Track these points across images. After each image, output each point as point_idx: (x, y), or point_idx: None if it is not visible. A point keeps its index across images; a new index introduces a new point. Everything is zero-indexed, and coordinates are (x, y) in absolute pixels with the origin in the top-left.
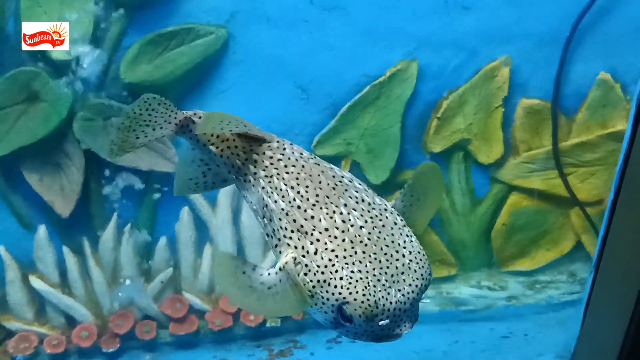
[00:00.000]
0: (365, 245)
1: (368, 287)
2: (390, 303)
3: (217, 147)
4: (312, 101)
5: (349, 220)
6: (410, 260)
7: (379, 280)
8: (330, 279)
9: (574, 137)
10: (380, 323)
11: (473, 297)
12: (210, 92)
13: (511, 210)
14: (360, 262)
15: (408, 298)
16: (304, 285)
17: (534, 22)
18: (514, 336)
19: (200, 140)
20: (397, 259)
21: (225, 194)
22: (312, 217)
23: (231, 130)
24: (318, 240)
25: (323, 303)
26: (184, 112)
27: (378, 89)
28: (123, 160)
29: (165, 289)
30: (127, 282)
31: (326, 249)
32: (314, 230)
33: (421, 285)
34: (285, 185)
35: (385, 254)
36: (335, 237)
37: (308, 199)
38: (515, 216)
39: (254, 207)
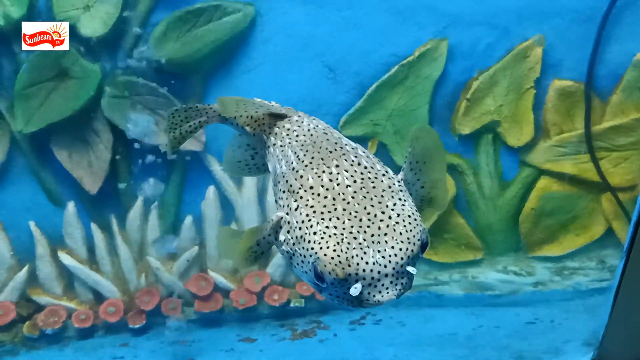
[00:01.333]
0: (348, 203)
1: (340, 244)
2: (367, 263)
3: (250, 127)
4: (339, 81)
5: (337, 179)
6: (397, 223)
7: (355, 237)
8: (306, 234)
9: (607, 120)
10: (355, 285)
11: (499, 282)
12: (238, 70)
13: (540, 194)
14: (337, 218)
15: (389, 261)
16: (287, 243)
17: None
18: (540, 322)
19: (239, 124)
20: (382, 220)
21: None
22: (301, 177)
23: (256, 111)
24: (301, 197)
25: (302, 261)
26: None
27: (407, 69)
28: (150, 139)
29: (191, 267)
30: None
31: (306, 205)
32: (300, 188)
33: (407, 249)
34: (291, 152)
35: (369, 213)
36: (318, 195)
37: (303, 162)
38: (545, 200)
39: (272, 177)
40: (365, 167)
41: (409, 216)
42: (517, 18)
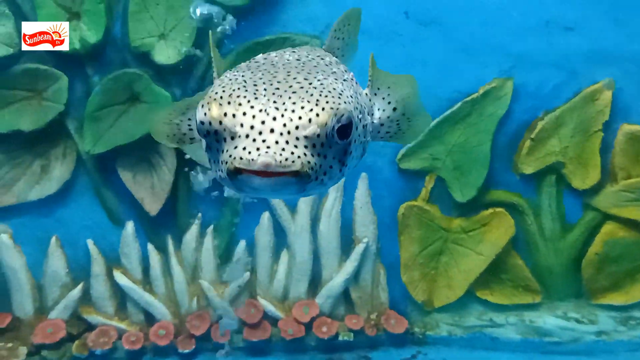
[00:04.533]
0: (273, 65)
1: (232, 86)
2: (252, 108)
3: None
4: None
5: (271, 56)
6: (314, 87)
7: (255, 84)
8: (213, 85)
9: None
10: (228, 125)
11: (558, 329)
12: None
13: (605, 239)
14: (252, 72)
15: (282, 115)
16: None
17: None
18: None
19: None
20: (299, 82)
21: (305, 202)
22: (240, 65)
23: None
24: (237, 70)
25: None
26: None
27: (470, 106)
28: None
29: (242, 293)
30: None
31: (228, 74)
32: (235, 69)
33: (312, 111)
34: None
35: (289, 74)
36: (255, 60)
37: (249, 63)
38: (610, 246)
39: None
40: (307, 55)
41: (334, 88)
42: (585, 60)
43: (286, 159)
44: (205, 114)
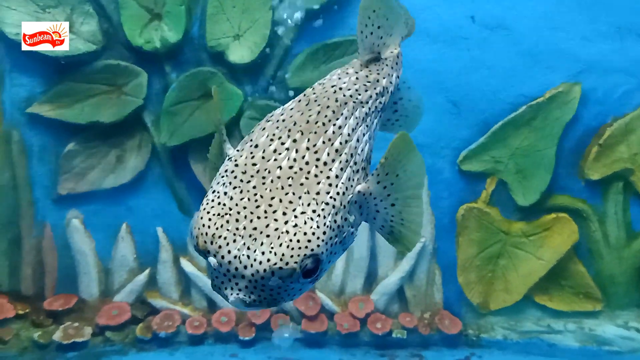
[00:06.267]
0: (263, 183)
1: (219, 217)
2: (229, 252)
3: None
4: (462, 116)
5: (280, 154)
6: (287, 233)
7: (237, 220)
8: (214, 184)
9: None
10: (211, 260)
11: (619, 338)
12: None
13: None
14: (242, 192)
15: (251, 265)
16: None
17: None
18: None
19: None
20: (276, 220)
21: None
22: (264, 129)
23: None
24: (243, 149)
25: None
26: None
27: (535, 110)
28: None
29: None
30: None
31: (236, 161)
32: (250, 140)
33: (276, 265)
34: (299, 98)
35: (271, 205)
36: (252, 157)
37: (283, 114)
38: None
39: None
40: (318, 159)
41: (305, 233)
42: None
43: (254, 301)
44: (195, 240)
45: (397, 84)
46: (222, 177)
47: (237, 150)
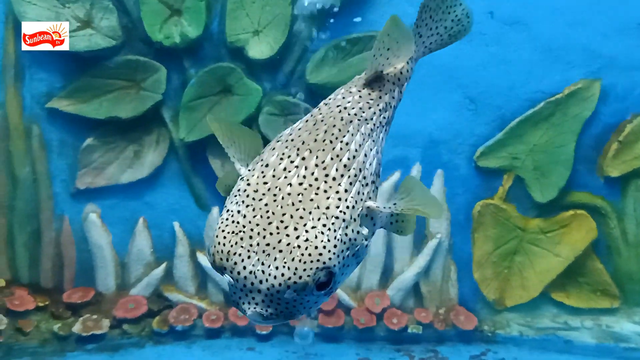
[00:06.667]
0: (274, 200)
1: (233, 235)
2: (244, 268)
3: None
4: (479, 113)
5: (290, 172)
6: (298, 247)
7: (250, 237)
8: (227, 204)
9: None
10: (227, 278)
11: (636, 335)
12: None
13: None
14: (254, 209)
15: (266, 280)
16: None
17: None
18: None
19: None
20: (288, 235)
21: (380, 196)
22: (273, 149)
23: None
24: (254, 169)
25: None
26: None
27: (553, 106)
28: None
29: None
30: None
31: (248, 180)
32: (260, 160)
33: (290, 279)
34: (305, 119)
35: (282, 222)
36: (264, 177)
37: (291, 134)
38: None
39: None
40: (327, 175)
41: (316, 247)
42: None
43: (270, 314)
44: (211, 257)
45: (400, 98)
46: (236, 196)
47: (249, 170)
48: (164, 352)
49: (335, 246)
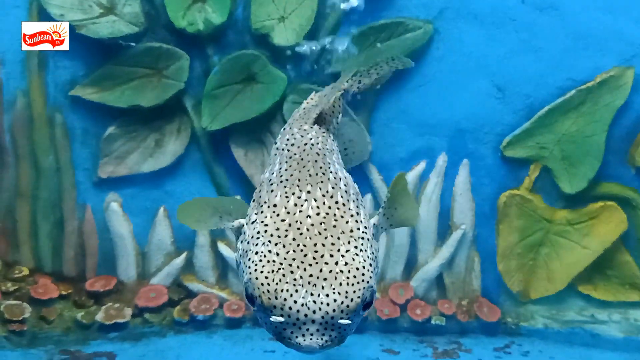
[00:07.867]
0: (301, 233)
1: (275, 273)
2: (295, 302)
3: None
4: (507, 101)
5: (302, 205)
6: (341, 272)
7: (292, 272)
8: (250, 250)
9: None
10: (277, 319)
11: None
12: (408, 85)
13: None
14: (284, 245)
15: (319, 308)
16: (238, 252)
17: None
18: None
19: None
20: (327, 263)
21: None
22: (272, 192)
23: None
24: (262, 212)
25: (242, 275)
26: None
27: (584, 94)
28: None
29: None
30: None
31: (262, 222)
32: (265, 203)
33: (343, 303)
34: (279, 160)
35: (317, 251)
36: (277, 215)
37: (282, 176)
38: None
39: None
40: (337, 202)
41: (357, 269)
42: None
43: (326, 342)
44: (258, 300)
45: (337, 126)
46: (256, 239)
47: (255, 214)
48: (185, 341)
49: (370, 264)
